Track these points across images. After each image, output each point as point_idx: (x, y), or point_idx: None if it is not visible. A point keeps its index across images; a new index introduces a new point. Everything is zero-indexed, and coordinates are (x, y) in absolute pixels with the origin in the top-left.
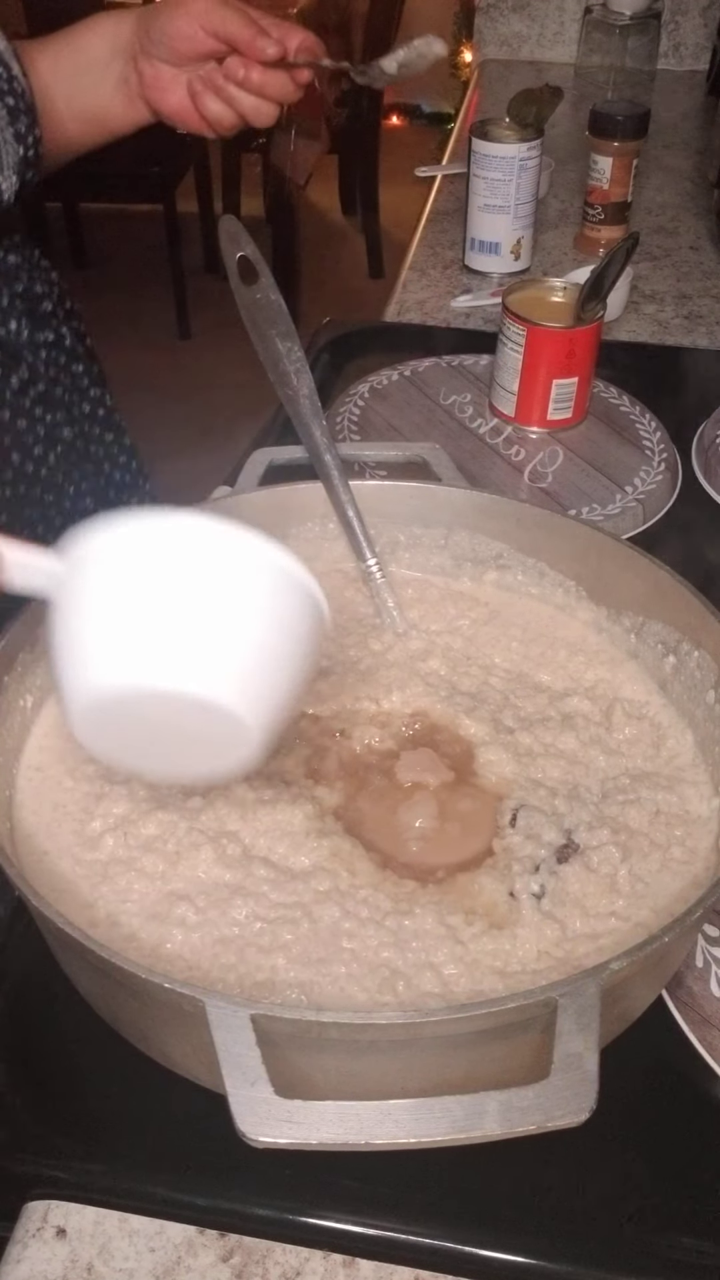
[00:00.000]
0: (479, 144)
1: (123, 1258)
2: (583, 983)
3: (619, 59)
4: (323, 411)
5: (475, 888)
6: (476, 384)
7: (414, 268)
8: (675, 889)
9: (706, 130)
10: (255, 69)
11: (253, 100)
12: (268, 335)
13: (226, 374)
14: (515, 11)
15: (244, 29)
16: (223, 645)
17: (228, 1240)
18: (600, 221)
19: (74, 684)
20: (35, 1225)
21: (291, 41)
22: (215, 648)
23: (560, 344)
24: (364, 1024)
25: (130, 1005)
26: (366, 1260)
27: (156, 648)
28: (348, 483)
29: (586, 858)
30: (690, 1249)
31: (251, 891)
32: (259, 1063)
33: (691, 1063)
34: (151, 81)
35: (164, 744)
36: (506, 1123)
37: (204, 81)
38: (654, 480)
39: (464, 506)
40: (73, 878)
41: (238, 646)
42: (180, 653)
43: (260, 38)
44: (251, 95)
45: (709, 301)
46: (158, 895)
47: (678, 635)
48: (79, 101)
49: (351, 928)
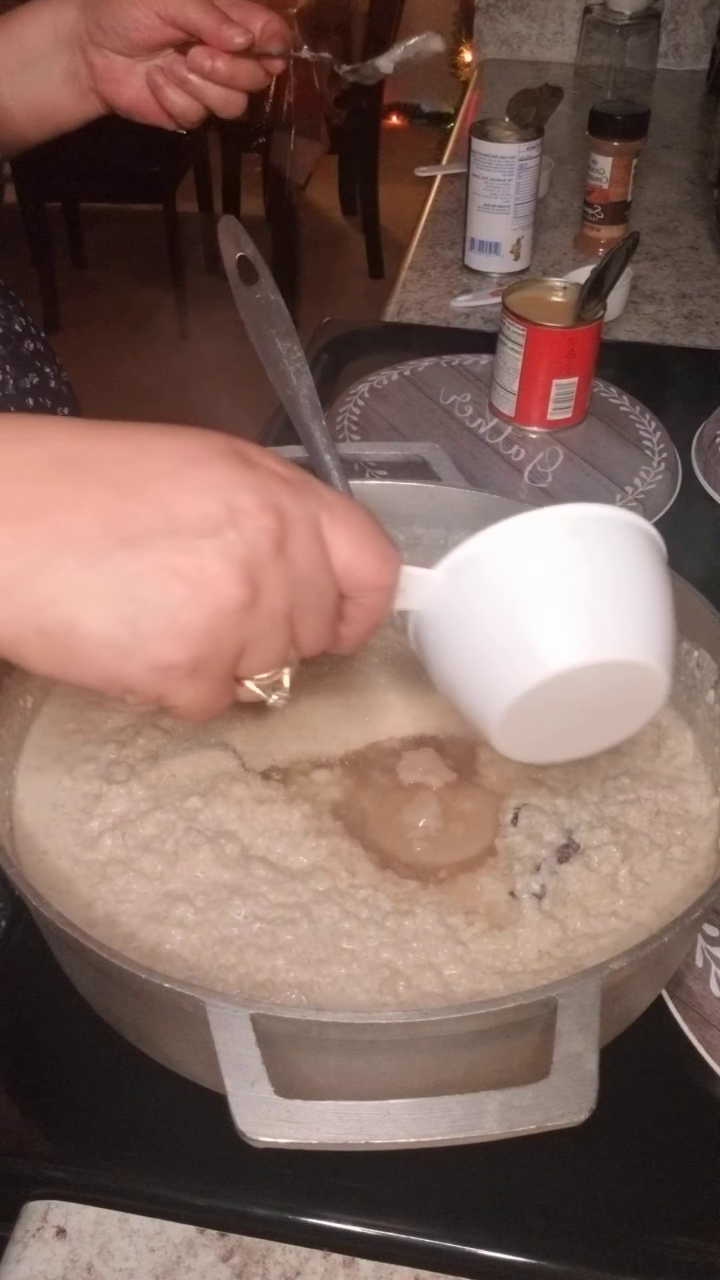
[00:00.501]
0: (479, 144)
1: (123, 1258)
2: (583, 982)
3: (619, 59)
4: (323, 411)
5: (476, 888)
6: (476, 384)
7: (414, 268)
8: (676, 888)
9: (706, 130)
10: (222, 59)
11: (220, 91)
12: (267, 335)
13: (226, 374)
14: (515, 11)
15: (206, 15)
16: (623, 608)
17: (228, 1240)
18: (600, 221)
19: (495, 685)
20: (35, 1225)
21: (256, 24)
22: (620, 612)
23: (560, 344)
24: (364, 1024)
25: (130, 1005)
26: (366, 1260)
27: (568, 626)
28: (348, 483)
29: (587, 857)
30: (690, 1249)
31: (250, 892)
32: (259, 1063)
33: (691, 1063)
34: (104, 74)
35: (576, 727)
36: (506, 1122)
37: (165, 73)
38: (654, 480)
39: (464, 506)
40: (72, 877)
41: (635, 605)
42: (591, 624)
43: (226, 25)
44: (219, 86)
45: (709, 301)
46: (156, 895)
47: (677, 635)
48: (25, 96)
49: (351, 928)
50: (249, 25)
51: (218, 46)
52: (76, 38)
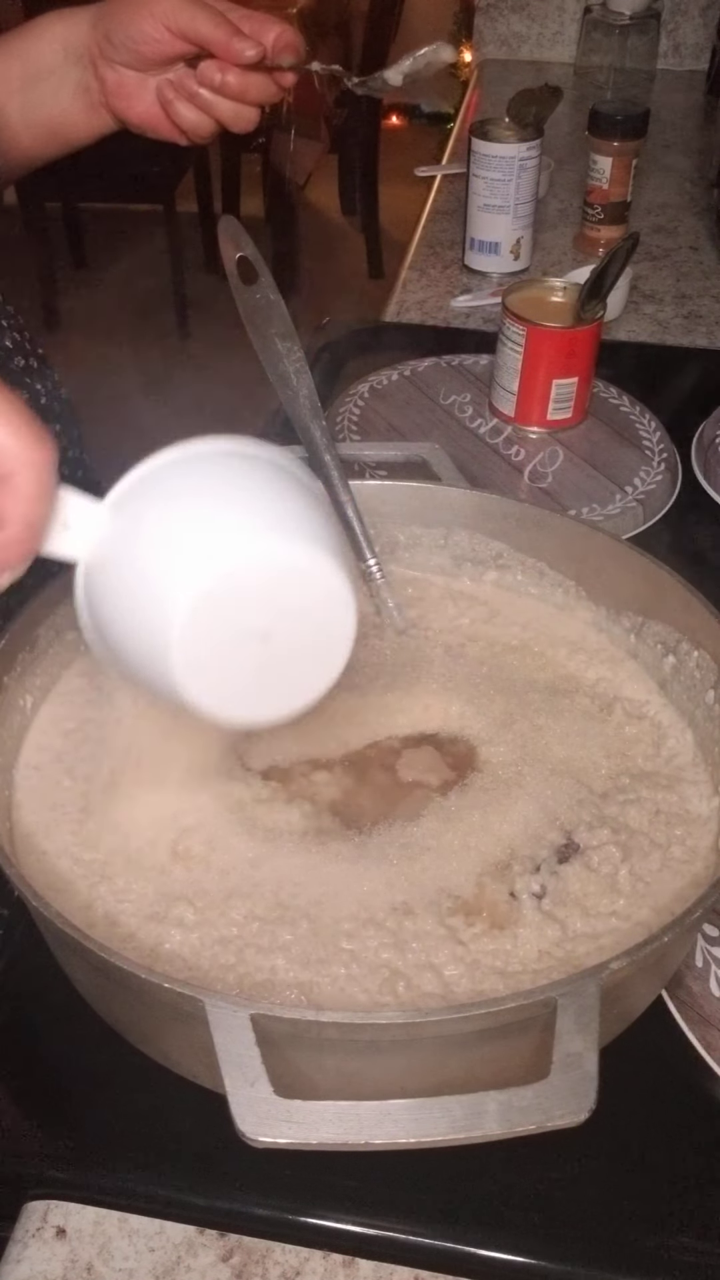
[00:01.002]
0: (478, 144)
1: (122, 1258)
2: (582, 982)
3: (619, 59)
4: (322, 411)
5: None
6: (476, 384)
7: (414, 268)
8: (676, 888)
9: (706, 130)
10: (233, 72)
11: (231, 105)
12: (267, 335)
13: (226, 374)
14: (515, 11)
15: (216, 29)
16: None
17: (228, 1240)
18: (600, 221)
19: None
20: (35, 1225)
21: (268, 37)
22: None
23: (560, 344)
24: (363, 1024)
25: (130, 1005)
26: (366, 1260)
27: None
28: (348, 483)
29: (587, 857)
30: (690, 1249)
31: (250, 892)
32: (259, 1063)
33: (691, 1063)
34: (115, 89)
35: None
36: (506, 1122)
37: (175, 87)
38: (654, 480)
39: (464, 506)
40: (71, 878)
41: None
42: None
43: (236, 39)
44: (230, 100)
45: (709, 301)
46: (155, 895)
47: (677, 635)
48: (34, 113)
49: (351, 928)
50: (261, 38)
51: (228, 60)
52: (87, 52)
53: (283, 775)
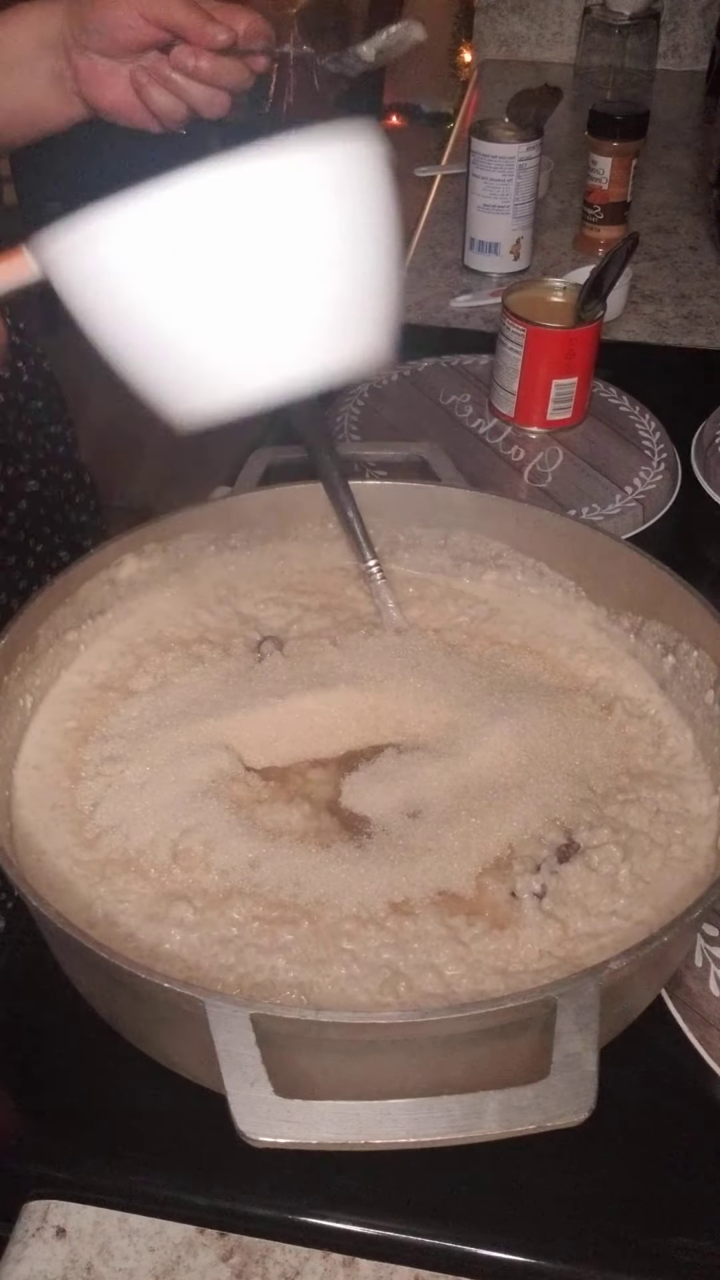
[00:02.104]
0: (478, 144)
1: (122, 1257)
2: (582, 982)
3: (618, 59)
4: (323, 412)
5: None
6: (476, 384)
7: (414, 268)
8: (676, 887)
9: (706, 130)
10: (206, 57)
11: (204, 90)
12: None
13: None
14: (515, 11)
15: (189, 15)
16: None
17: (227, 1240)
18: (599, 221)
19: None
20: (35, 1225)
21: (239, 24)
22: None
23: (560, 344)
24: (363, 1024)
25: (130, 1005)
26: (366, 1260)
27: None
28: (347, 483)
29: (587, 857)
30: (690, 1249)
31: (250, 892)
32: (259, 1063)
33: (691, 1062)
34: (88, 76)
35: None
36: (506, 1122)
37: (148, 73)
38: (654, 480)
39: (463, 506)
40: (71, 878)
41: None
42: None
43: (209, 24)
44: (203, 85)
45: (708, 301)
46: (155, 895)
47: (677, 635)
48: (8, 101)
49: (352, 929)
50: (234, 25)
51: (201, 44)
52: (60, 40)
53: (282, 775)
